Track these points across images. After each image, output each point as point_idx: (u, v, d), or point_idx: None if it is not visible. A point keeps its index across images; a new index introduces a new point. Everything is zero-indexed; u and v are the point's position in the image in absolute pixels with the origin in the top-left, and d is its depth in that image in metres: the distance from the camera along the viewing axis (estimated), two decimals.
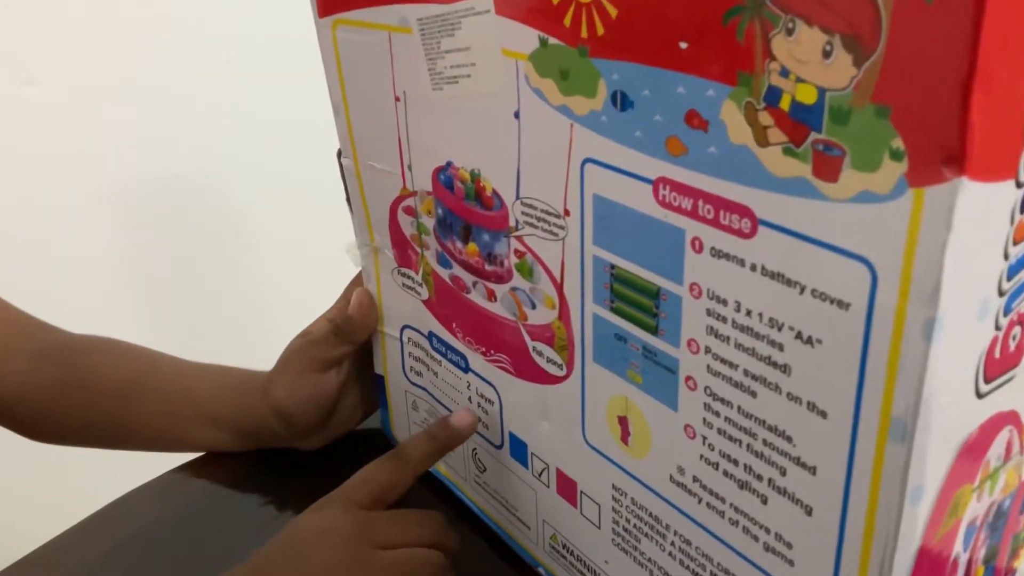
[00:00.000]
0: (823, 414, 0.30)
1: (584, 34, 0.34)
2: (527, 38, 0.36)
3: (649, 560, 0.40)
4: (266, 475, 0.60)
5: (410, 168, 0.47)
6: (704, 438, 0.35)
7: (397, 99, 0.46)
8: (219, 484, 0.60)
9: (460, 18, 0.40)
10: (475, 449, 0.51)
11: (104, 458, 0.66)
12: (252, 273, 1.40)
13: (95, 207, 1.21)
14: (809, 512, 0.31)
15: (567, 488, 0.44)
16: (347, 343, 0.55)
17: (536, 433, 0.45)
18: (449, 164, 0.44)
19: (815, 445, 0.30)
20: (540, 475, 0.46)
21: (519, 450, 0.47)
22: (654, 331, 0.35)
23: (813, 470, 0.31)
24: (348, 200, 0.53)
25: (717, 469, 0.35)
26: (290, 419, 0.57)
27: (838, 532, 0.30)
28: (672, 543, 0.39)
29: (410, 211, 0.49)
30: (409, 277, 0.51)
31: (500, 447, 0.48)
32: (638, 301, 0.36)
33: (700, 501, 0.36)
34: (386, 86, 0.46)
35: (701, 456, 0.35)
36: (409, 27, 0.43)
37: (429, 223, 0.48)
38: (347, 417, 0.59)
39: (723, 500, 0.35)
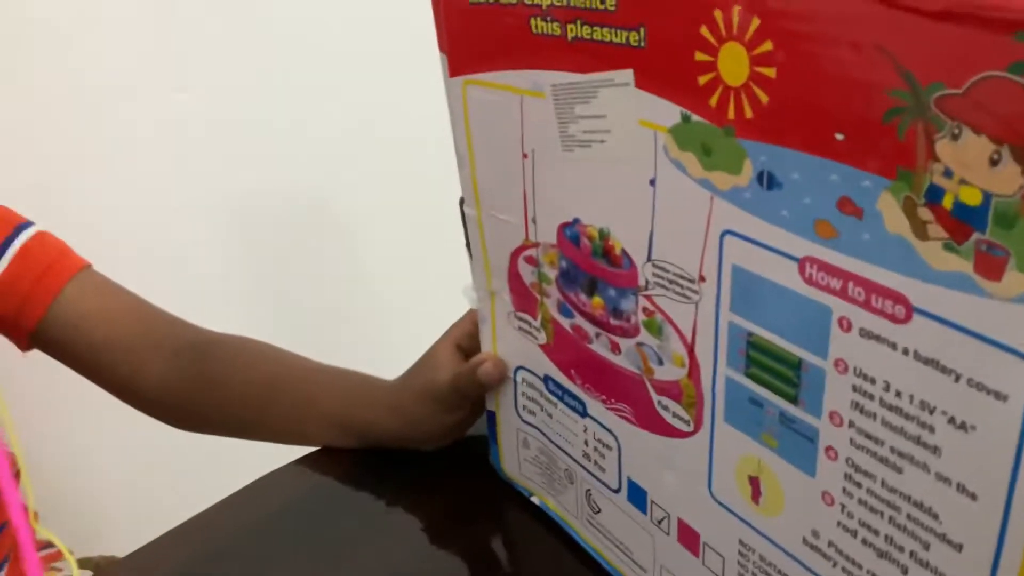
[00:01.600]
0: (973, 496, 0.30)
1: (731, 116, 0.35)
2: (668, 112, 0.38)
3: None
4: (378, 469, 0.63)
5: (534, 221, 0.49)
6: (843, 506, 0.36)
7: (525, 156, 0.47)
8: (333, 478, 0.64)
9: (597, 88, 0.41)
10: (590, 491, 0.52)
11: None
12: (364, 281, 1.44)
13: (219, 211, 1.26)
14: None
15: (689, 538, 0.45)
16: (470, 396, 0.58)
17: (658, 482, 0.47)
18: (576, 221, 0.46)
19: (963, 524, 0.31)
20: (660, 523, 0.47)
21: (638, 496, 0.48)
22: (793, 400, 0.36)
23: (959, 547, 0.32)
24: (468, 245, 0.55)
25: (855, 537, 0.36)
26: (413, 439, 0.62)
27: None
28: None
29: (532, 261, 0.50)
30: (526, 321, 0.53)
31: (618, 491, 0.50)
32: (777, 370, 0.37)
33: (835, 565, 0.37)
34: (514, 143, 0.47)
35: (839, 523, 0.36)
36: (542, 92, 0.44)
37: (551, 273, 0.49)
38: (466, 428, 0.63)
39: (860, 567, 0.36)
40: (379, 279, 1.41)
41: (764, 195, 0.35)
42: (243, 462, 0.75)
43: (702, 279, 0.39)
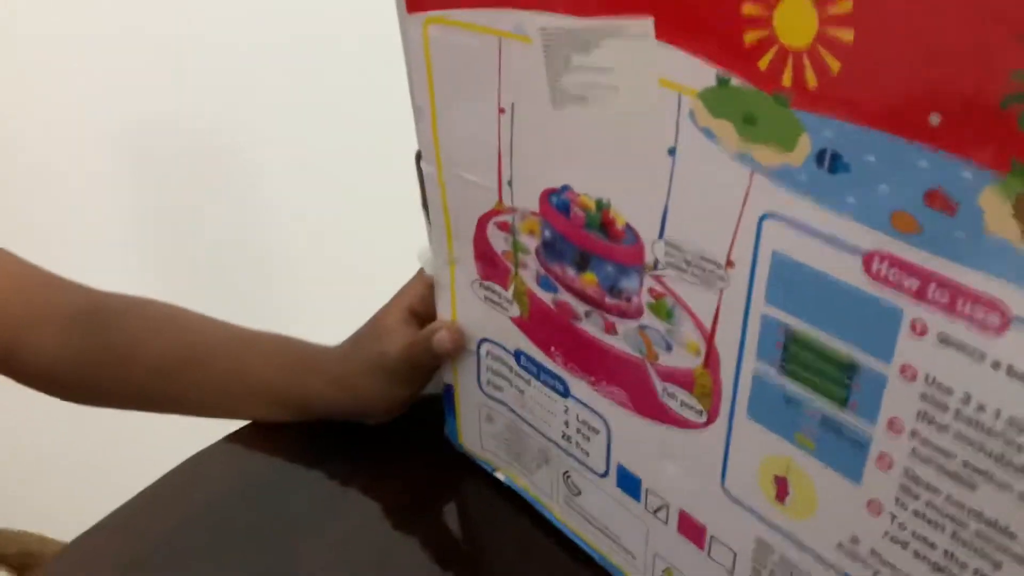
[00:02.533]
0: None
1: (787, 82, 0.30)
2: (699, 73, 0.32)
3: None
4: (322, 446, 0.58)
5: (510, 184, 0.43)
6: (893, 516, 0.33)
7: (502, 111, 0.41)
8: (273, 458, 0.58)
9: (603, 39, 0.35)
10: (568, 472, 0.48)
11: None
12: (264, 227, 1.33)
13: (98, 149, 1.12)
14: None
15: (693, 530, 0.42)
16: (424, 368, 0.52)
17: (655, 472, 0.43)
18: (566, 188, 0.40)
19: None
20: (656, 512, 0.44)
21: (630, 483, 0.45)
22: (842, 402, 0.33)
23: None
24: (425, 206, 0.48)
25: (906, 548, 0.33)
26: (359, 414, 0.57)
27: None
28: None
29: (505, 227, 0.45)
30: (494, 291, 0.47)
31: (604, 476, 0.46)
32: (823, 370, 0.33)
33: (876, 574, 0.34)
34: (489, 95, 0.41)
35: (886, 533, 0.33)
36: (527, 35, 0.38)
37: (530, 243, 0.44)
38: (415, 398, 0.57)
39: None
40: (287, 225, 1.31)
41: (824, 177, 0.30)
42: (158, 436, 0.68)
43: (730, 264, 0.34)
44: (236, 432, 0.59)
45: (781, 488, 0.37)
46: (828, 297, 0.31)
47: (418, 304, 0.54)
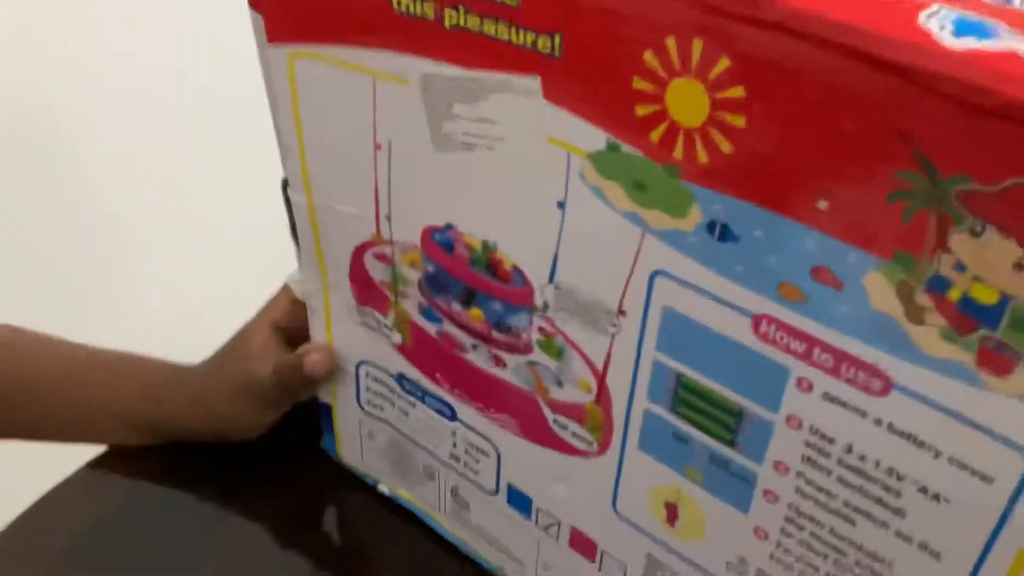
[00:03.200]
0: (936, 555, 0.31)
1: (678, 155, 0.30)
2: (588, 135, 0.32)
3: None
4: (190, 468, 0.55)
5: (388, 219, 0.42)
6: (779, 543, 0.35)
7: (378, 147, 0.40)
8: (142, 483, 0.55)
9: (489, 92, 0.34)
10: (456, 488, 0.49)
11: None
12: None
13: None
14: None
15: (584, 545, 0.44)
16: (294, 391, 0.51)
17: (546, 492, 0.44)
18: (450, 227, 0.40)
19: (918, 572, 0.32)
20: (547, 528, 0.45)
21: (520, 501, 0.46)
22: (730, 444, 0.35)
23: None
24: (293, 232, 0.46)
25: (790, 570, 0.36)
26: (221, 436, 0.54)
27: None
28: None
29: (383, 258, 0.44)
30: (373, 318, 0.47)
31: (495, 494, 0.47)
32: (712, 413, 0.35)
33: None
34: (363, 132, 0.39)
35: (772, 555, 0.36)
36: (405, 78, 0.37)
37: (412, 275, 0.43)
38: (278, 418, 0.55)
39: None
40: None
41: (714, 245, 0.31)
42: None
43: (622, 313, 0.35)
44: (97, 459, 0.57)
45: (671, 512, 0.39)
46: (718, 351, 0.33)
47: (284, 320, 0.52)
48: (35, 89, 1.08)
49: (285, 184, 0.45)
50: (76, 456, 0.56)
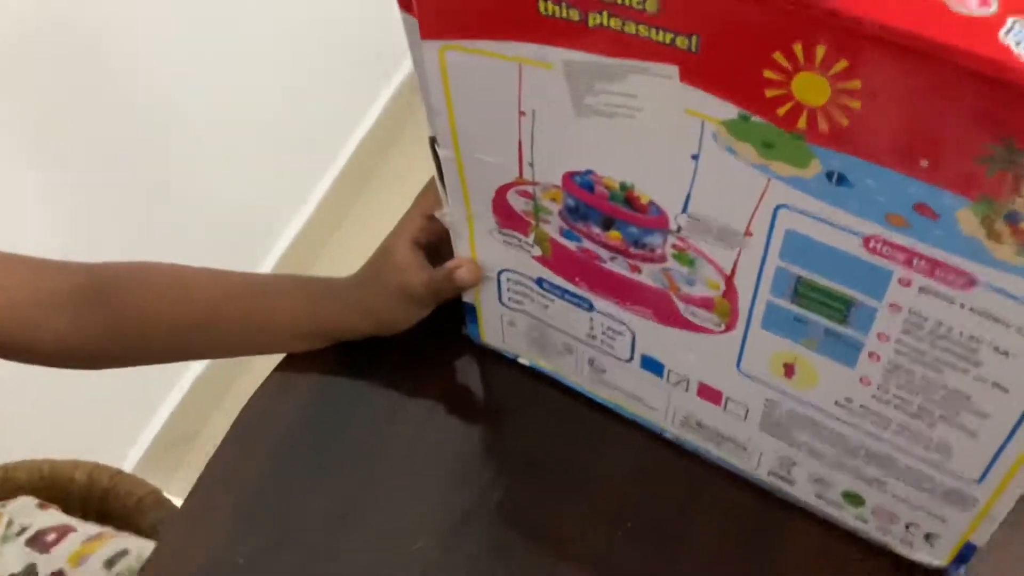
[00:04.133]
0: (1005, 389, 0.42)
1: (802, 125, 0.39)
2: (722, 109, 0.40)
3: (799, 442, 0.54)
4: (357, 363, 0.67)
5: (531, 164, 0.50)
6: (879, 386, 0.47)
7: (523, 114, 0.47)
8: (327, 375, 0.67)
9: (628, 73, 0.42)
10: (593, 359, 0.60)
11: None
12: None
13: None
14: (974, 436, 0.45)
15: (710, 394, 0.56)
16: (444, 297, 0.61)
17: (677, 358, 0.55)
18: (589, 171, 0.48)
19: (990, 401, 0.43)
20: (677, 384, 0.57)
21: (653, 366, 0.57)
22: (842, 322, 0.45)
23: (985, 416, 0.44)
24: (442, 179, 0.54)
25: (888, 404, 0.47)
26: (384, 332, 0.64)
27: (996, 450, 0.45)
28: (828, 436, 0.52)
29: (525, 194, 0.52)
30: (514, 237, 0.56)
31: (629, 361, 0.58)
32: (827, 303, 0.45)
33: (863, 417, 0.49)
34: (509, 102, 0.47)
35: (873, 395, 0.47)
36: (549, 63, 0.44)
37: (552, 207, 0.52)
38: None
39: (890, 420, 0.48)
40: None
41: (831, 187, 0.40)
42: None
43: (749, 233, 0.45)
44: (282, 364, 0.67)
45: (788, 370, 0.50)
46: (833, 260, 0.43)
47: (422, 236, 0.61)
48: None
49: (433, 141, 0.53)
50: None
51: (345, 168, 1.67)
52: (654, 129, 0.44)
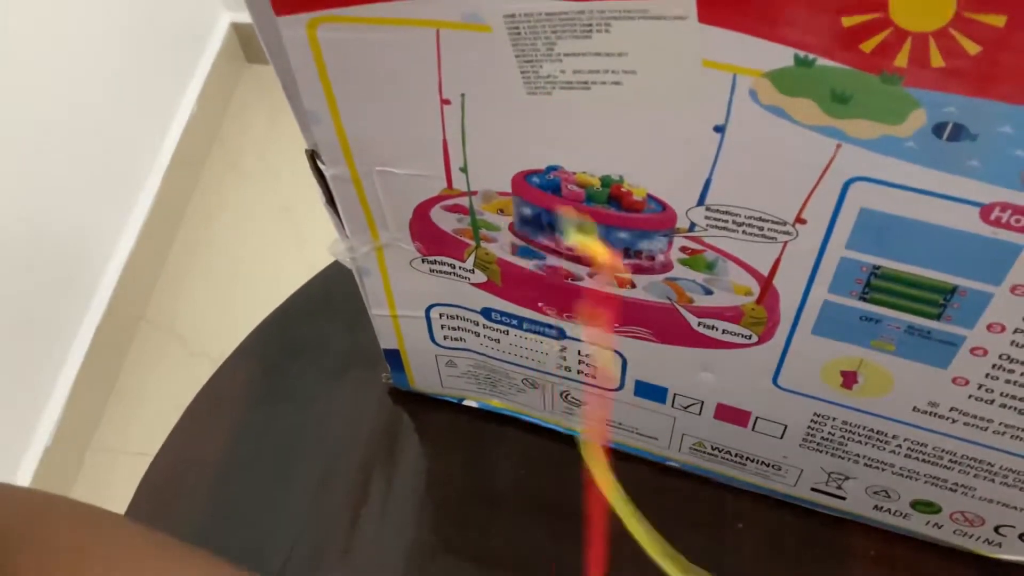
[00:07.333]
0: None
1: (901, 63, 0.26)
2: (764, 53, 0.27)
3: (854, 455, 0.42)
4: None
5: (463, 170, 0.35)
6: (980, 385, 0.35)
7: (446, 102, 0.32)
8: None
9: (611, 19, 0.28)
10: (566, 392, 0.47)
11: None
12: None
13: None
14: None
15: (733, 416, 0.43)
16: None
17: (688, 382, 0.42)
18: (554, 168, 0.34)
19: None
20: (687, 408, 0.44)
21: (652, 392, 0.44)
22: (935, 317, 0.33)
23: None
24: (331, 202, 0.39)
25: (992, 404, 0.36)
26: None
27: None
28: (898, 446, 0.40)
29: (457, 209, 0.37)
30: (446, 264, 0.41)
31: (619, 390, 0.45)
32: (914, 295, 0.33)
33: (953, 422, 0.38)
34: (424, 88, 0.32)
35: (970, 396, 0.36)
36: (485, 24, 0.29)
37: (499, 220, 0.37)
38: None
39: (991, 420, 0.37)
40: None
41: (940, 145, 0.27)
42: None
43: (801, 221, 0.32)
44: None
45: (849, 379, 0.38)
46: (931, 241, 0.30)
47: None
48: None
49: (312, 156, 0.37)
50: None
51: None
52: (654, 97, 0.30)
